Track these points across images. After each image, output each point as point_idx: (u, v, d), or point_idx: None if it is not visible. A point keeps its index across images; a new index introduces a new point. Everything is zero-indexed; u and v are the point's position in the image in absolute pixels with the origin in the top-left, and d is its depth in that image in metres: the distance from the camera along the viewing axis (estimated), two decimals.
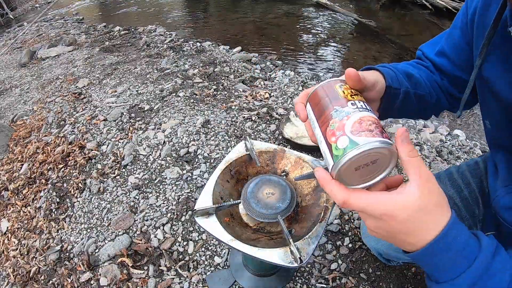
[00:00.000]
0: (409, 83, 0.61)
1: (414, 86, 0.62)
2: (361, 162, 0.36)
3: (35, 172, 1.71)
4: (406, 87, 0.60)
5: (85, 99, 2.27)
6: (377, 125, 0.37)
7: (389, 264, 1.10)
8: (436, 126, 1.86)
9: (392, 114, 0.64)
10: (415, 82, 0.63)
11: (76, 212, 1.44)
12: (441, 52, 0.67)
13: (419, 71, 0.67)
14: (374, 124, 0.37)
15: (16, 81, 2.98)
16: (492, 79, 0.53)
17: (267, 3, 4.82)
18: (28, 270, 1.27)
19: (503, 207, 0.58)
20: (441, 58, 0.67)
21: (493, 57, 0.52)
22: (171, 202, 1.38)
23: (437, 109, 0.71)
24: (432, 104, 0.67)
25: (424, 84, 0.64)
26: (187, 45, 3.13)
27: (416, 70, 0.66)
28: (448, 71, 0.66)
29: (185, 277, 1.12)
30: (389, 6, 4.47)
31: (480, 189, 0.78)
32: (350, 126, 0.37)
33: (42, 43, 3.79)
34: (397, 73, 0.59)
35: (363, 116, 0.38)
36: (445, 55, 0.66)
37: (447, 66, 0.66)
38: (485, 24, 0.53)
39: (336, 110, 0.40)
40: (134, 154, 1.65)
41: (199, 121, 1.78)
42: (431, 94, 0.66)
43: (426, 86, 0.65)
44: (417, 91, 0.62)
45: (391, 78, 0.57)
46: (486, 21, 0.53)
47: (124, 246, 1.22)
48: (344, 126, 0.37)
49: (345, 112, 0.39)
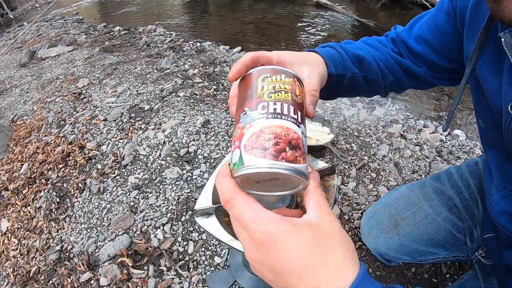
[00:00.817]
0: (358, 67, 0.58)
1: (364, 70, 0.59)
2: (255, 179, 0.31)
3: (35, 172, 1.71)
4: (353, 72, 0.57)
5: (85, 99, 2.27)
6: (278, 140, 0.30)
7: (389, 264, 1.10)
8: (436, 126, 1.86)
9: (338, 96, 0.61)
10: (366, 67, 0.59)
11: (76, 212, 1.44)
12: (420, 37, 0.63)
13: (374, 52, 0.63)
14: (274, 139, 0.30)
15: (16, 81, 2.98)
16: (483, 81, 0.52)
17: (267, 3, 4.81)
18: (28, 270, 1.27)
19: (499, 212, 0.57)
20: (420, 45, 0.63)
21: (483, 60, 0.51)
22: (171, 202, 1.38)
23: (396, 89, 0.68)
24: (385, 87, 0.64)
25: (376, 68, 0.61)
26: (187, 45, 3.13)
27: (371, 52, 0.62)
28: (427, 57, 0.62)
29: (185, 277, 1.12)
30: (389, 6, 4.47)
31: (480, 190, 0.78)
32: (247, 139, 0.31)
33: (42, 43, 3.79)
34: (344, 55, 0.56)
35: (266, 126, 0.31)
36: (425, 41, 0.62)
37: (426, 53, 0.62)
38: (476, 26, 0.51)
39: (244, 113, 0.33)
40: (134, 154, 1.65)
41: (199, 121, 1.78)
42: (385, 77, 0.63)
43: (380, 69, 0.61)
44: (367, 75, 0.59)
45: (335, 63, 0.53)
46: (477, 22, 0.51)
47: (124, 246, 1.22)
48: (242, 137, 0.31)
49: (250, 118, 0.32)
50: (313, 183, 0.32)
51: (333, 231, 0.28)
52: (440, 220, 0.81)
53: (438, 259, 0.86)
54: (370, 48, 0.63)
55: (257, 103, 0.33)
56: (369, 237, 0.96)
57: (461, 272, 1.08)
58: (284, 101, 0.33)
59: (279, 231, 0.26)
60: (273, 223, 0.27)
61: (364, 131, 1.72)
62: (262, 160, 0.29)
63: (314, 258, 0.26)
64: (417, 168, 1.49)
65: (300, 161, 0.30)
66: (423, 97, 2.35)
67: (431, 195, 0.84)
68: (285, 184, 0.32)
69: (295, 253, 0.26)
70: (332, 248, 0.27)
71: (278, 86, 0.34)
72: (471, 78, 0.56)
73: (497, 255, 0.65)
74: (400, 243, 0.86)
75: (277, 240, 0.26)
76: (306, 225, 0.27)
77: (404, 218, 0.86)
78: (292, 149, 0.30)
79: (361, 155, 1.54)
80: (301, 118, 0.34)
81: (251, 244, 0.28)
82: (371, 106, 1.99)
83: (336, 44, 0.58)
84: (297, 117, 0.33)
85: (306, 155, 0.33)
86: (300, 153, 0.31)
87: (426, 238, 0.82)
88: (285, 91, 0.34)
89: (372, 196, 1.34)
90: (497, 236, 0.64)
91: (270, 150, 0.29)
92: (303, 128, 0.34)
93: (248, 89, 0.36)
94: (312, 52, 0.53)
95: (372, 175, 1.44)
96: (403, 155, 1.57)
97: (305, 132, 0.34)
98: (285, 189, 0.33)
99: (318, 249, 0.26)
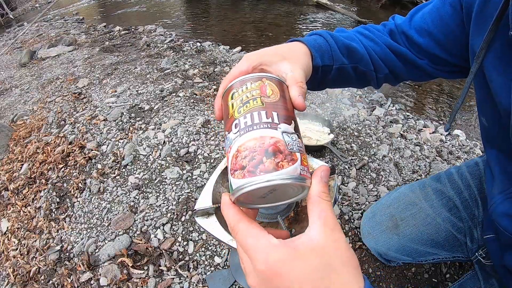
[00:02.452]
0: (348, 58, 0.56)
1: (354, 61, 0.56)
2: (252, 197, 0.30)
3: (35, 172, 1.71)
4: (342, 63, 0.54)
5: (85, 99, 2.27)
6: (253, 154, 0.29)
7: (389, 264, 1.10)
8: (436, 126, 1.86)
9: (325, 87, 0.59)
10: (357, 58, 0.57)
11: (76, 212, 1.44)
12: (423, 29, 0.59)
13: (370, 43, 0.60)
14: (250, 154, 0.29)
15: (16, 81, 2.98)
16: (490, 78, 0.51)
17: (267, 3, 4.81)
18: (28, 270, 1.27)
19: (500, 214, 0.56)
20: (423, 37, 0.59)
21: (491, 57, 0.49)
22: (171, 202, 1.38)
23: (391, 81, 0.66)
24: (378, 79, 0.62)
25: (369, 60, 0.58)
26: (187, 45, 3.13)
27: (365, 43, 0.59)
28: (431, 51, 0.59)
29: (185, 277, 1.12)
30: (389, 6, 4.47)
31: (480, 191, 0.77)
32: (230, 163, 0.31)
33: (42, 43, 3.79)
34: (333, 47, 0.53)
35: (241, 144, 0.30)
36: (429, 33, 0.59)
37: (430, 46, 0.59)
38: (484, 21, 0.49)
39: (226, 137, 0.33)
40: (134, 154, 1.65)
41: (199, 121, 1.78)
42: (378, 69, 0.60)
43: (373, 61, 0.59)
44: (358, 66, 0.57)
45: (322, 53, 0.51)
46: (485, 18, 0.49)
47: (124, 246, 1.22)
48: (228, 162, 0.31)
49: (229, 141, 0.32)
50: (317, 187, 0.29)
51: (337, 250, 0.27)
52: (440, 220, 0.81)
53: (438, 260, 0.86)
54: (364, 39, 0.60)
55: (231, 124, 0.32)
56: (369, 237, 0.96)
57: (461, 272, 1.08)
58: (253, 110, 0.32)
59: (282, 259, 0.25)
60: (275, 250, 0.26)
61: (364, 131, 1.72)
62: (243, 180, 0.28)
63: (319, 283, 0.25)
64: (417, 168, 1.49)
65: (283, 165, 0.28)
66: (423, 97, 2.35)
67: (431, 196, 0.84)
68: (286, 192, 0.31)
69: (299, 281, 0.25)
70: (337, 270, 0.26)
71: (245, 97, 0.33)
72: (477, 75, 0.53)
73: (497, 256, 0.65)
74: (400, 244, 0.86)
75: (279, 270, 0.25)
76: (309, 249, 0.26)
77: (404, 218, 0.86)
78: (271, 157, 0.28)
79: (361, 155, 1.54)
80: (279, 117, 0.32)
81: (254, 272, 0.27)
82: (371, 106, 1.99)
83: (326, 32, 0.55)
84: (271, 119, 0.31)
85: (297, 154, 0.30)
86: (283, 157, 0.29)
87: (426, 239, 0.82)
88: (252, 98, 0.33)
89: (372, 196, 1.34)
90: (497, 237, 0.63)
91: (248, 168, 0.28)
92: (284, 126, 0.31)
93: (224, 113, 0.35)
94: (296, 42, 0.51)
95: (372, 175, 1.44)
96: (403, 155, 1.57)
97: (289, 129, 0.32)
98: (289, 196, 0.32)
99: (323, 274, 0.26)
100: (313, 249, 0.26)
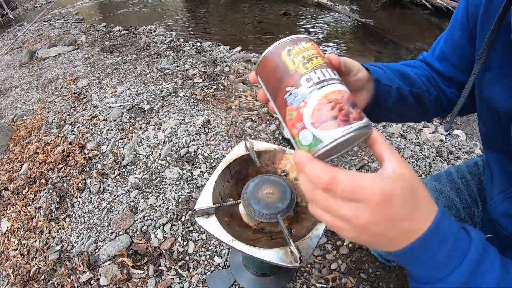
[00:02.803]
0: (402, 81, 0.57)
1: (409, 84, 0.57)
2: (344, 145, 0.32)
3: (35, 172, 1.71)
4: (399, 84, 0.55)
5: (85, 99, 2.27)
6: (341, 105, 0.30)
7: (389, 264, 1.10)
8: (436, 126, 1.86)
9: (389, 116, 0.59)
10: (410, 81, 0.58)
11: (76, 212, 1.44)
12: (442, 56, 0.62)
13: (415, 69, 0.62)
14: (337, 104, 0.30)
15: (16, 81, 2.98)
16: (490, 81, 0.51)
17: (267, 3, 4.82)
18: (28, 270, 1.27)
19: (500, 213, 0.56)
20: (443, 63, 0.62)
21: (492, 60, 0.49)
22: (171, 202, 1.38)
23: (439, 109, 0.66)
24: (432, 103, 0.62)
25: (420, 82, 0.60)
26: (187, 45, 3.13)
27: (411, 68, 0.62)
28: (449, 75, 0.61)
29: (185, 277, 1.12)
30: (389, 6, 4.48)
31: (480, 191, 0.77)
32: (310, 117, 0.31)
33: (42, 43, 3.79)
34: (387, 71, 0.55)
35: (322, 97, 0.31)
36: (445, 58, 0.61)
37: (448, 70, 0.61)
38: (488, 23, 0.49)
39: (289, 94, 0.32)
40: (134, 154, 1.65)
41: (199, 121, 1.78)
42: (429, 91, 0.61)
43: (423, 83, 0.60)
44: (412, 89, 0.58)
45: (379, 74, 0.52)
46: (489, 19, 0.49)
47: (124, 246, 1.22)
48: (303, 117, 0.31)
49: (301, 96, 0.31)
50: (376, 132, 0.33)
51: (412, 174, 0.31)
52: None
53: None
54: (409, 67, 0.63)
55: (299, 78, 0.32)
56: None
57: None
58: (320, 66, 0.33)
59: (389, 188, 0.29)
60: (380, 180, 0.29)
61: None
62: (337, 130, 0.29)
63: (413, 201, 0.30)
64: (417, 168, 1.49)
65: (363, 115, 0.31)
66: None
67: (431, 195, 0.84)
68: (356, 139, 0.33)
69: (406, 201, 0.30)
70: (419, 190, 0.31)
71: (306, 54, 0.33)
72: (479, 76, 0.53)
73: None
74: None
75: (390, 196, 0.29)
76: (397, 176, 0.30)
77: None
78: (354, 107, 0.31)
79: (361, 155, 1.55)
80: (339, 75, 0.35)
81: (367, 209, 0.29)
82: None
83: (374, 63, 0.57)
84: (337, 76, 0.34)
85: None
86: (359, 108, 0.32)
87: None
88: (314, 56, 0.33)
89: None
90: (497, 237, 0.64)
91: (340, 117, 0.30)
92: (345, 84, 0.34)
93: (275, 70, 0.34)
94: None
95: None
96: (403, 155, 1.57)
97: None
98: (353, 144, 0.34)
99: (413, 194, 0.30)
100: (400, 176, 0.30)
